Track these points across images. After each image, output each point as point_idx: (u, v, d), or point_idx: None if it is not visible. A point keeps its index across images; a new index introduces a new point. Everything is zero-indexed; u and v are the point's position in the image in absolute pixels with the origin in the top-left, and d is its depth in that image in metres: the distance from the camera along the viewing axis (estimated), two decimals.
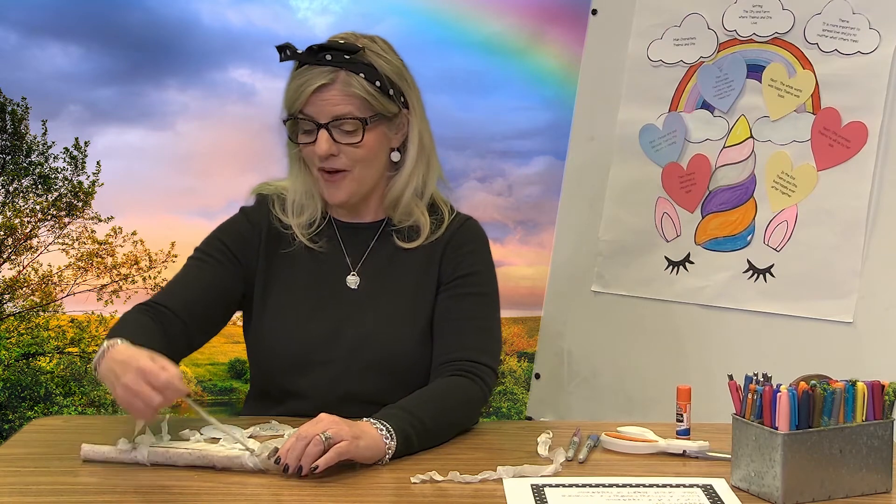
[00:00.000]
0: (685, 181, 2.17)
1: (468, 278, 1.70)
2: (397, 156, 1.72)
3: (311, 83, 1.63)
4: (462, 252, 1.72)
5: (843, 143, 1.94)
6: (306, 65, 1.65)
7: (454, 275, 1.70)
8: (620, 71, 2.28)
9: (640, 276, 2.23)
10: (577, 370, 2.35)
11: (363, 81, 1.64)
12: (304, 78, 1.64)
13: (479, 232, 1.77)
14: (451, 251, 1.72)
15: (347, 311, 1.68)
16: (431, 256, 1.71)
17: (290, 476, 1.34)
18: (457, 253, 1.72)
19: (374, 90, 1.65)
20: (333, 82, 1.63)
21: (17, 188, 2.96)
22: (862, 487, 1.29)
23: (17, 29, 2.84)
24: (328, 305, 1.68)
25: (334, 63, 1.63)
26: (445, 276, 1.70)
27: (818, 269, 1.96)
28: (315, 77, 1.63)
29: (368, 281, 1.71)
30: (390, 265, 1.71)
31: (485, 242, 1.77)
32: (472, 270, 1.71)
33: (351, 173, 1.66)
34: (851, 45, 1.95)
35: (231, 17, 2.87)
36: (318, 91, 1.63)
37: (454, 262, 1.71)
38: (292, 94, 1.65)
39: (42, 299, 3.00)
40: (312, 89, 1.62)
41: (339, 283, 1.70)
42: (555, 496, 1.28)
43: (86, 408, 3.04)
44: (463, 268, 1.71)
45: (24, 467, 1.39)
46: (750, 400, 1.30)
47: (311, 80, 1.63)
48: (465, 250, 1.72)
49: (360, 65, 1.65)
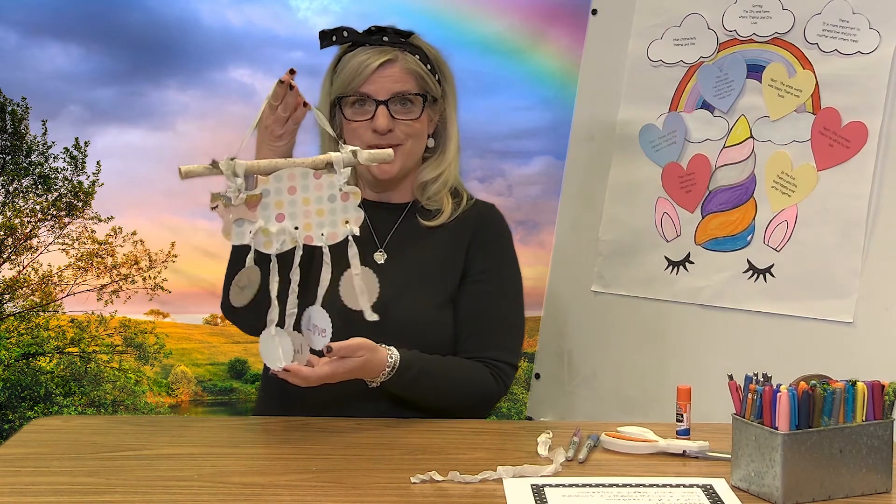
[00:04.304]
0: (685, 181, 2.17)
1: (495, 273, 1.79)
2: (432, 142, 1.83)
3: (372, 60, 1.72)
4: (490, 245, 1.80)
5: (843, 143, 1.94)
6: (361, 46, 1.74)
7: (482, 268, 1.78)
8: (620, 71, 2.28)
9: (640, 276, 2.23)
10: (577, 370, 2.35)
11: (418, 61, 1.75)
12: (364, 56, 1.73)
13: (506, 224, 1.87)
14: (479, 240, 1.79)
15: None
16: (459, 238, 1.79)
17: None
18: (485, 245, 1.80)
19: (427, 71, 1.76)
20: (395, 60, 1.73)
21: (17, 188, 2.96)
22: (862, 487, 1.29)
23: (17, 29, 2.84)
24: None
25: (391, 44, 1.74)
26: (474, 267, 1.78)
27: (818, 269, 1.96)
28: (376, 55, 1.72)
29: (394, 257, 1.79)
30: (416, 243, 1.79)
31: (510, 235, 1.86)
32: (500, 265, 1.81)
33: (403, 147, 1.75)
34: (851, 45, 1.95)
35: (231, 17, 2.87)
36: (380, 68, 1.72)
37: (482, 252, 1.79)
38: (351, 72, 1.73)
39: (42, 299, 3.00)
40: (376, 66, 1.71)
41: (367, 259, 1.76)
42: (555, 496, 1.28)
43: (86, 408, 3.04)
44: (491, 261, 1.79)
45: (24, 467, 1.39)
46: (750, 400, 1.30)
47: (372, 58, 1.72)
48: (494, 244, 1.81)
49: (414, 47, 1.76)
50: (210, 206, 1.45)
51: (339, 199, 1.47)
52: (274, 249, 1.46)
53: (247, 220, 1.45)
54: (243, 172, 1.44)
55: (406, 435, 1.58)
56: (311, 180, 1.47)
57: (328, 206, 1.47)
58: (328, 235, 1.47)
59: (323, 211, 1.47)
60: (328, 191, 1.47)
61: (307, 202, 1.47)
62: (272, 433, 1.60)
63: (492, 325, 1.77)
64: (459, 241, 1.80)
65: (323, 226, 1.47)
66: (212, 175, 1.44)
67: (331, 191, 1.47)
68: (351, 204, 1.47)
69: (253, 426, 1.65)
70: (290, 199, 1.47)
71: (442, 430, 1.61)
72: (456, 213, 1.81)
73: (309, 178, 1.47)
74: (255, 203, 1.45)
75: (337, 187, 1.47)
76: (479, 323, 1.77)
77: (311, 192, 1.47)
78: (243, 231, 1.46)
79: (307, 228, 1.47)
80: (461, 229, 1.80)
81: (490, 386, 1.73)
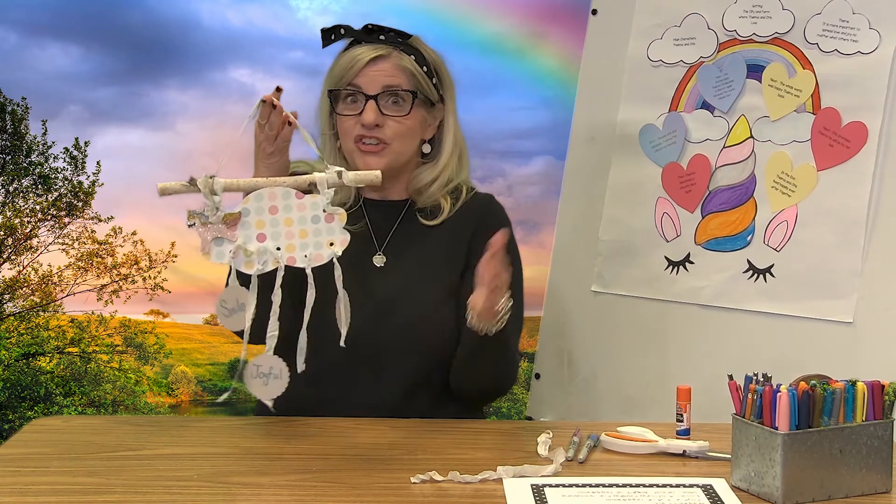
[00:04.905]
0: (685, 181, 2.17)
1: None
2: (428, 147, 1.83)
3: (365, 55, 1.73)
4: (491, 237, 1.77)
5: (843, 143, 1.94)
6: (359, 43, 1.75)
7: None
8: (620, 71, 2.28)
9: (640, 276, 2.23)
10: (577, 370, 2.35)
11: (413, 61, 1.76)
12: (359, 51, 1.74)
13: (505, 214, 1.88)
14: (480, 233, 1.78)
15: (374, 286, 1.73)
16: (460, 232, 1.80)
17: None
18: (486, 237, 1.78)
19: (422, 73, 1.76)
20: (388, 56, 1.74)
21: (17, 188, 2.96)
22: (862, 487, 1.29)
23: (17, 29, 2.84)
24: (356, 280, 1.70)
25: (387, 42, 1.75)
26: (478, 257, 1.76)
27: (818, 269, 1.96)
28: (369, 50, 1.74)
29: (394, 258, 1.78)
30: (415, 243, 1.79)
31: (510, 224, 1.86)
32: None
33: (391, 146, 1.75)
34: (851, 45, 1.95)
35: (231, 17, 2.86)
36: (371, 62, 1.73)
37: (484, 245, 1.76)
38: (344, 66, 1.75)
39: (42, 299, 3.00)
40: (367, 60, 1.73)
41: (367, 262, 1.77)
42: (555, 496, 1.28)
43: (86, 408, 3.04)
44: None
45: (24, 467, 1.39)
46: (750, 400, 1.30)
47: (364, 53, 1.74)
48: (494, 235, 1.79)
49: (410, 48, 1.77)
50: (187, 224, 1.42)
51: (324, 221, 1.43)
52: (255, 269, 1.42)
53: (226, 239, 1.43)
54: (221, 190, 1.42)
55: (406, 435, 1.58)
56: (293, 200, 1.43)
57: (312, 227, 1.43)
58: (312, 257, 1.44)
59: (306, 232, 1.44)
60: (311, 211, 1.43)
61: (289, 223, 1.43)
62: (272, 433, 1.60)
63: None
64: (460, 234, 1.80)
65: (307, 247, 1.43)
66: (189, 192, 1.42)
67: (314, 211, 1.43)
68: (336, 225, 1.43)
69: (253, 426, 1.65)
70: (271, 219, 1.43)
71: (442, 430, 1.61)
72: (456, 207, 1.81)
73: (291, 199, 1.43)
74: (233, 222, 1.42)
75: (321, 208, 1.43)
76: None
77: (294, 212, 1.43)
78: (223, 250, 1.42)
79: (290, 249, 1.43)
80: (461, 222, 1.81)
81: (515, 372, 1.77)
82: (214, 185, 1.41)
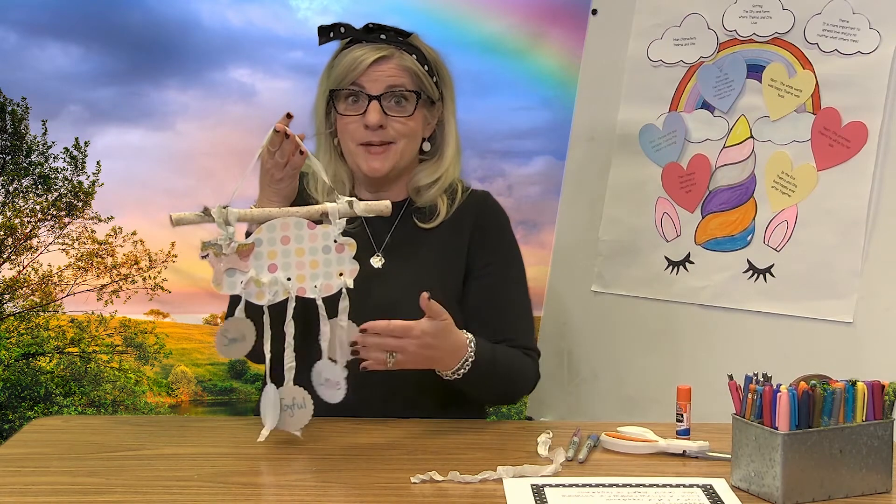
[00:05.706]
0: (685, 181, 2.17)
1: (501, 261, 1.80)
2: (428, 146, 1.82)
3: (368, 56, 1.72)
4: (490, 236, 1.80)
5: (843, 143, 1.94)
6: (359, 42, 1.74)
7: (487, 261, 1.78)
8: (620, 71, 2.28)
9: (640, 276, 2.23)
10: (577, 370, 2.35)
11: (415, 61, 1.75)
12: (361, 51, 1.73)
13: (502, 210, 1.87)
14: (479, 234, 1.79)
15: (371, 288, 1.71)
16: (458, 232, 1.79)
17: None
18: (485, 238, 1.80)
19: (424, 72, 1.75)
20: (391, 56, 1.73)
21: (17, 188, 2.96)
22: (862, 487, 1.29)
23: (17, 29, 2.84)
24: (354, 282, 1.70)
25: (388, 42, 1.74)
26: (479, 261, 1.78)
27: (818, 269, 1.96)
28: (372, 51, 1.72)
29: (392, 261, 1.77)
30: (413, 245, 1.78)
31: (508, 220, 1.86)
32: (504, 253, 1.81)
33: (395, 145, 1.75)
34: (851, 45, 1.95)
35: (231, 17, 2.86)
36: (375, 63, 1.72)
37: (484, 246, 1.79)
38: (346, 66, 1.73)
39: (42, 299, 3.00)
40: (371, 61, 1.71)
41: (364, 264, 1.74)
42: (555, 496, 1.28)
43: (86, 408, 3.04)
44: (493, 255, 1.79)
45: (24, 467, 1.39)
46: (750, 400, 1.30)
47: (368, 54, 1.72)
48: (493, 235, 1.81)
49: (411, 47, 1.76)
50: (200, 255, 1.42)
51: (334, 251, 1.44)
52: (266, 301, 1.43)
53: (238, 270, 1.42)
54: (235, 221, 1.42)
55: (406, 435, 1.58)
56: (305, 231, 1.44)
57: (322, 257, 1.44)
58: (322, 287, 1.44)
59: (317, 262, 1.44)
60: (322, 242, 1.44)
61: (301, 253, 1.44)
62: (272, 433, 1.59)
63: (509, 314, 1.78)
64: (459, 235, 1.79)
65: (317, 277, 1.44)
66: (203, 223, 1.41)
67: (325, 242, 1.44)
68: (346, 255, 1.44)
69: (253, 426, 1.65)
70: (283, 250, 1.43)
71: (442, 430, 1.61)
72: (453, 208, 1.80)
73: (303, 229, 1.44)
74: (247, 252, 1.42)
75: (332, 238, 1.43)
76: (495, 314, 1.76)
77: (305, 242, 1.44)
78: (235, 281, 1.42)
79: (300, 280, 1.44)
80: (459, 223, 1.80)
81: (533, 372, 1.78)
82: (229, 216, 1.41)
